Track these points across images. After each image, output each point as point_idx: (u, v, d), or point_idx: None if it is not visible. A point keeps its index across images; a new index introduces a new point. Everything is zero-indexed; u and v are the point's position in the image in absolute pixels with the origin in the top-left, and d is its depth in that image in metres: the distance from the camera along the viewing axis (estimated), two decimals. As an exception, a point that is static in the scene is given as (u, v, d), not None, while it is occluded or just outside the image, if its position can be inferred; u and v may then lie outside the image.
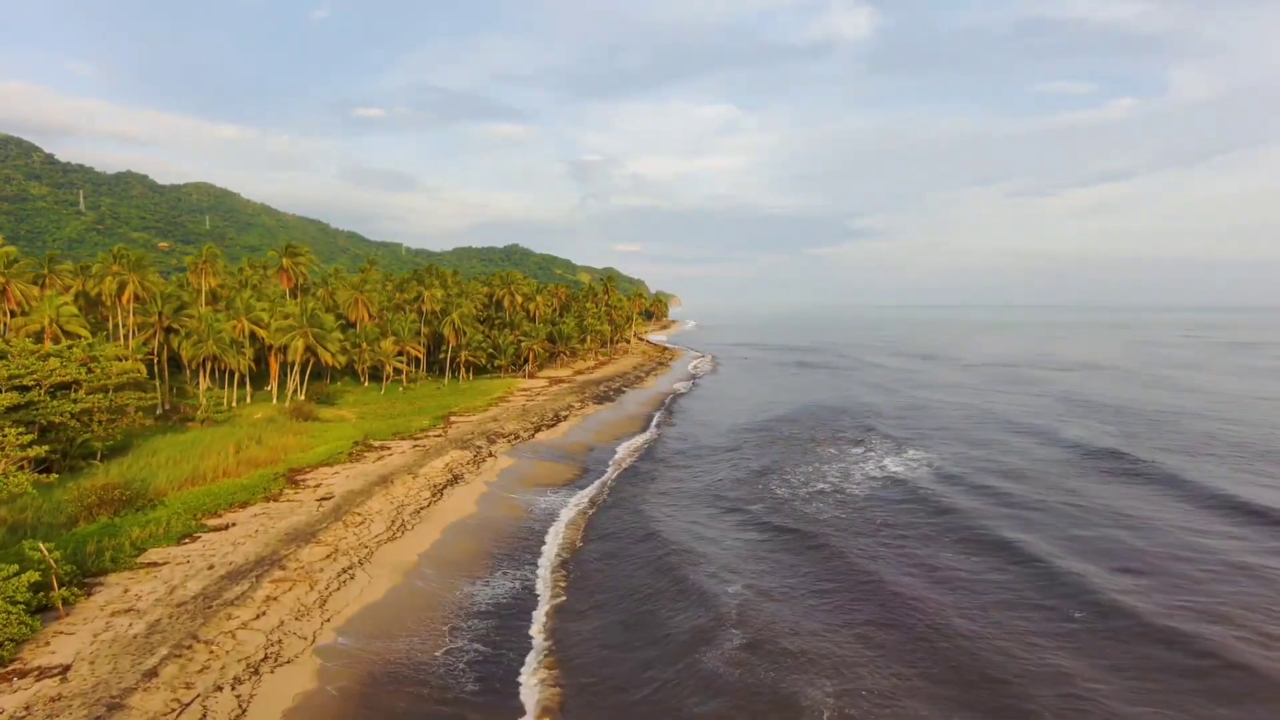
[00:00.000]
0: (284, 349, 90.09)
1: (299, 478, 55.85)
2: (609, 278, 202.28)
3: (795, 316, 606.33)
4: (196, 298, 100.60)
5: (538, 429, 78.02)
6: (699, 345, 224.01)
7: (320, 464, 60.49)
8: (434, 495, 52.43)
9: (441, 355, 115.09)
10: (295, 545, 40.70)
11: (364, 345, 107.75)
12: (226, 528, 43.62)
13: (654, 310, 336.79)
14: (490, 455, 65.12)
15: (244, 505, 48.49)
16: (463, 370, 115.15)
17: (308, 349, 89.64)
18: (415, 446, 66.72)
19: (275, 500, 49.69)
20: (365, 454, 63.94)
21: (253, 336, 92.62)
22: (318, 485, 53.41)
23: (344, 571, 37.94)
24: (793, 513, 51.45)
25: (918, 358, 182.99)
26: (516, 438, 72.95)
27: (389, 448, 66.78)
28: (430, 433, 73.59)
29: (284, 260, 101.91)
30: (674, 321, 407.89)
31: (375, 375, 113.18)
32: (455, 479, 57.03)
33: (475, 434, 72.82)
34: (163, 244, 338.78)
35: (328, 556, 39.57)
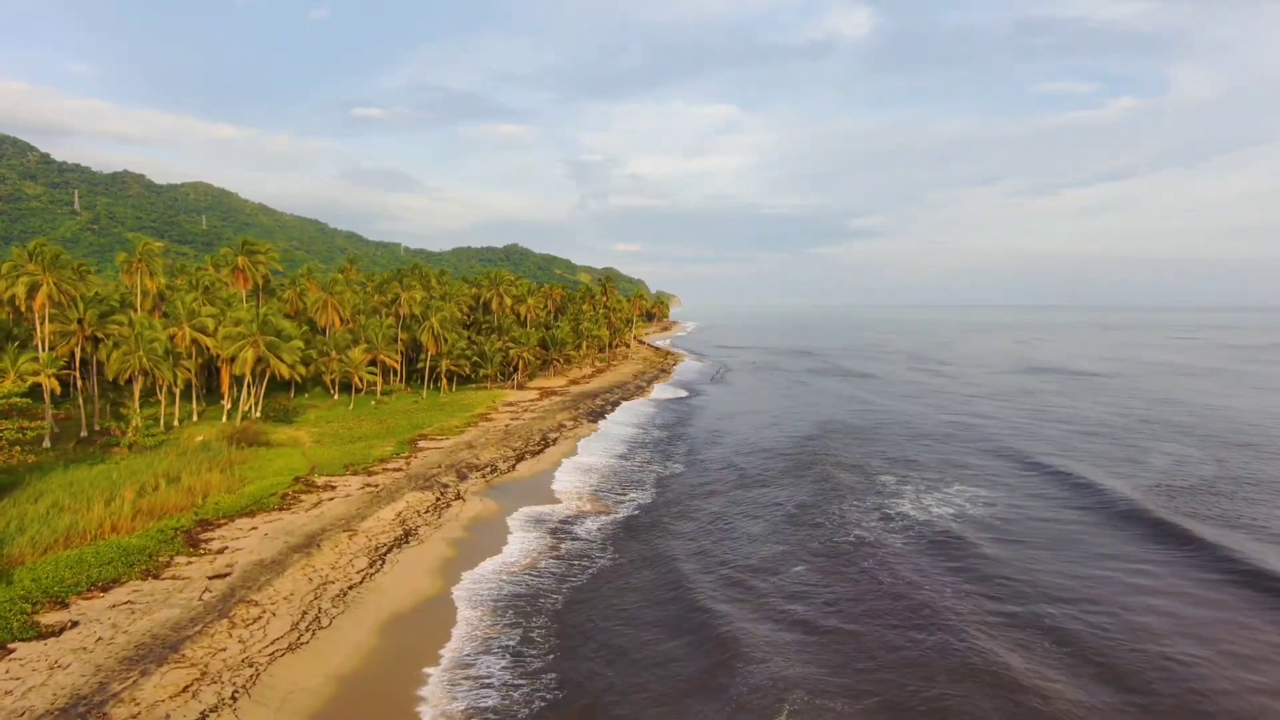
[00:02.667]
0: (234, 359, 76.87)
1: (204, 535, 42.62)
2: (608, 278, 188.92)
3: (796, 317, 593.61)
4: (141, 301, 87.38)
5: (520, 457, 64.78)
6: (701, 349, 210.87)
7: (241, 512, 47.28)
8: (374, 563, 39.22)
9: (420, 364, 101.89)
10: (141, 668, 27.43)
11: (333, 354, 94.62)
12: (61, 630, 30.37)
13: (654, 312, 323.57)
14: (458, 497, 51.87)
15: (109, 586, 35.24)
16: (444, 381, 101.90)
17: (259, 360, 76.40)
18: (365, 486, 53.40)
19: (156, 577, 36.42)
20: (302, 497, 50.68)
21: (201, 346, 79.53)
22: (221, 550, 40.14)
23: (201, 720, 24.76)
24: (833, 595, 38.31)
25: (933, 363, 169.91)
26: (493, 470, 59.69)
27: (334, 486, 53.53)
28: (389, 464, 60.30)
29: (239, 259, 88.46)
30: (674, 323, 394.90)
31: (347, 386, 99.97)
32: (407, 535, 43.81)
33: (443, 466, 59.54)
34: (157, 244, 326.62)
35: (185, 689, 26.35)
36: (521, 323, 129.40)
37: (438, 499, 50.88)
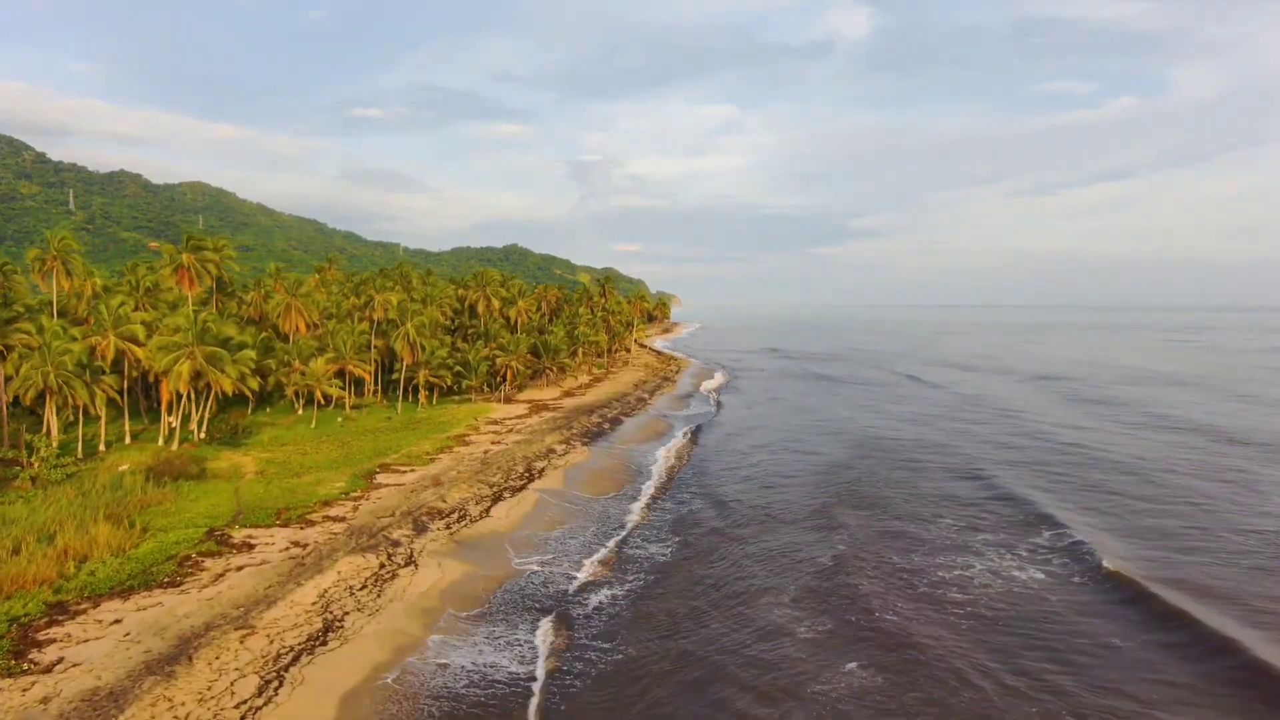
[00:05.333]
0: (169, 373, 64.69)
1: (44, 634, 30.44)
2: (607, 278, 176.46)
3: (799, 318, 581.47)
4: (76, 305, 75.23)
5: (498, 496, 52.52)
6: (705, 353, 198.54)
7: (117, 589, 35.14)
8: (265, 687, 27.05)
9: (395, 375, 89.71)
10: None
11: (295, 364, 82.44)
12: None
13: (656, 314, 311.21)
14: (410, 562, 39.63)
15: None
16: (423, 393, 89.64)
17: (197, 374, 64.24)
18: (292, 546, 41.13)
19: (-71, 721, 24.33)
20: (206, 563, 38.50)
21: (133, 358, 67.45)
22: (52, 665, 27.94)
23: None
24: None
25: (956, 368, 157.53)
26: (461, 518, 47.43)
27: (253, 545, 41.33)
28: (333, 509, 48.02)
29: (183, 256, 76.08)
30: (676, 324, 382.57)
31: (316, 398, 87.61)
32: (328, 631, 31.62)
33: (398, 513, 47.24)
34: (153, 244, 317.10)
35: None
36: (511, 328, 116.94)
37: (382, 565, 38.66)
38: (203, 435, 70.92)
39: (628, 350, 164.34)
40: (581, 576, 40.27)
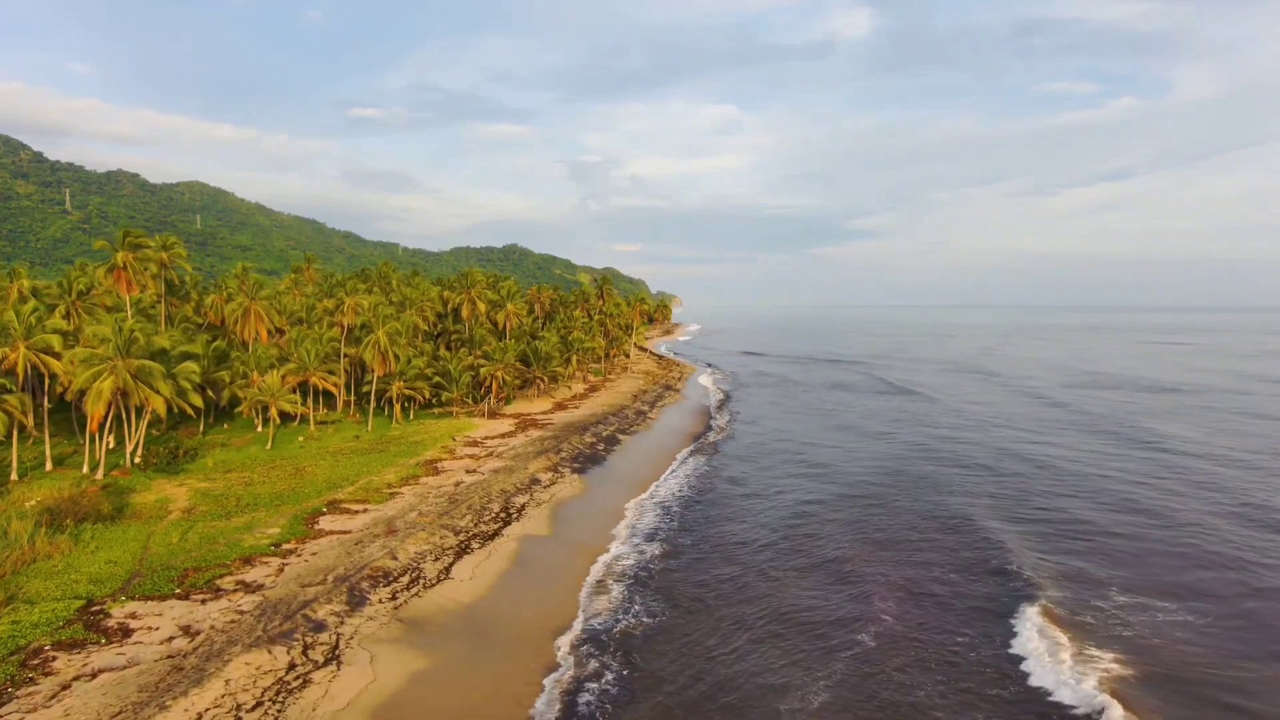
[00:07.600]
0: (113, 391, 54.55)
1: None
2: (605, 279, 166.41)
3: (800, 319, 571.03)
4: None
5: (463, 548, 42.32)
6: (709, 357, 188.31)
7: (-86, 710, 25.12)
8: None
9: (365, 387, 79.59)
10: None
11: (254, 375, 72.52)
12: None
13: (656, 316, 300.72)
14: (334, 659, 29.44)
15: None
16: (397, 407, 79.49)
17: (122, 391, 54.18)
18: (178, 636, 30.94)
19: None
20: (55, 663, 28.35)
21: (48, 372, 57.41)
22: None
23: None
24: None
25: (974, 374, 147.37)
26: (415, 580, 37.24)
27: (132, 628, 31.20)
28: (254, 569, 37.76)
29: (118, 255, 65.94)
30: (677, 325, 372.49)
31: (282, 414, 77.54)
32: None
33: (334, 575, 37.01)
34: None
35: None
36: (500, 333, 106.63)
37: (292, 664, 28.51)
38: (138, 460, 60.83)
39: (627, 355, 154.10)
40: (568, 672, 30.24)
